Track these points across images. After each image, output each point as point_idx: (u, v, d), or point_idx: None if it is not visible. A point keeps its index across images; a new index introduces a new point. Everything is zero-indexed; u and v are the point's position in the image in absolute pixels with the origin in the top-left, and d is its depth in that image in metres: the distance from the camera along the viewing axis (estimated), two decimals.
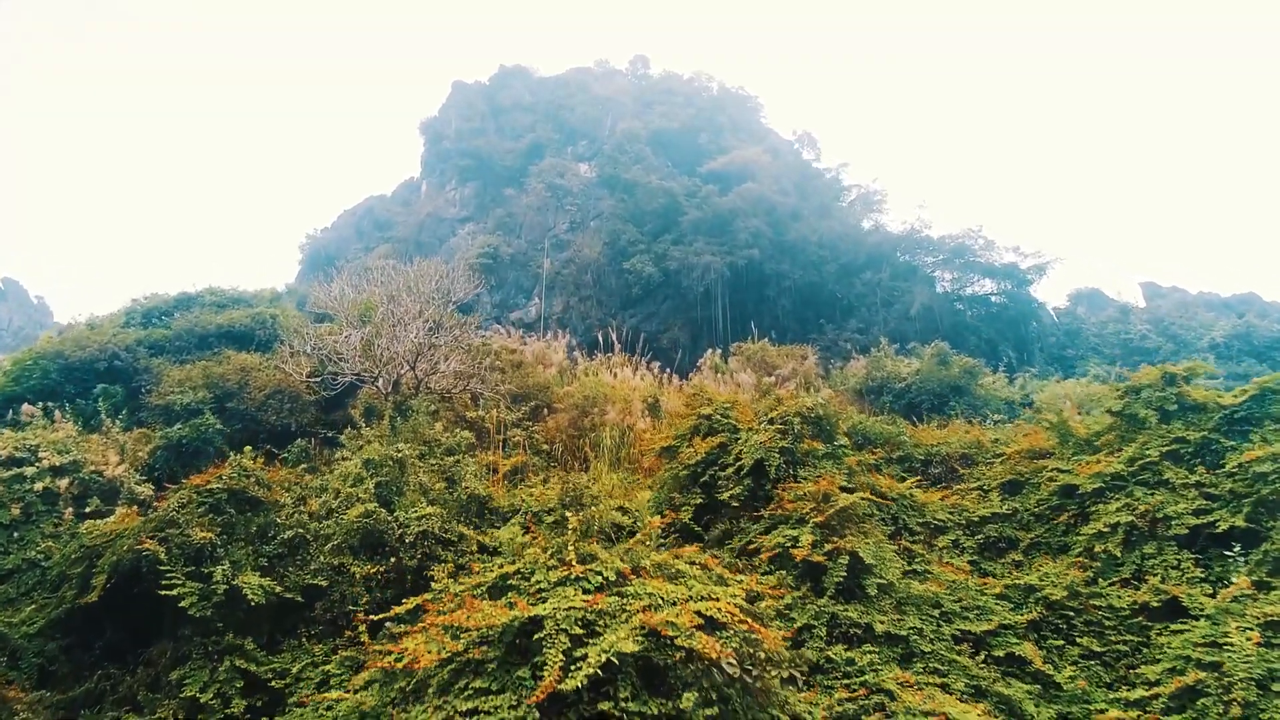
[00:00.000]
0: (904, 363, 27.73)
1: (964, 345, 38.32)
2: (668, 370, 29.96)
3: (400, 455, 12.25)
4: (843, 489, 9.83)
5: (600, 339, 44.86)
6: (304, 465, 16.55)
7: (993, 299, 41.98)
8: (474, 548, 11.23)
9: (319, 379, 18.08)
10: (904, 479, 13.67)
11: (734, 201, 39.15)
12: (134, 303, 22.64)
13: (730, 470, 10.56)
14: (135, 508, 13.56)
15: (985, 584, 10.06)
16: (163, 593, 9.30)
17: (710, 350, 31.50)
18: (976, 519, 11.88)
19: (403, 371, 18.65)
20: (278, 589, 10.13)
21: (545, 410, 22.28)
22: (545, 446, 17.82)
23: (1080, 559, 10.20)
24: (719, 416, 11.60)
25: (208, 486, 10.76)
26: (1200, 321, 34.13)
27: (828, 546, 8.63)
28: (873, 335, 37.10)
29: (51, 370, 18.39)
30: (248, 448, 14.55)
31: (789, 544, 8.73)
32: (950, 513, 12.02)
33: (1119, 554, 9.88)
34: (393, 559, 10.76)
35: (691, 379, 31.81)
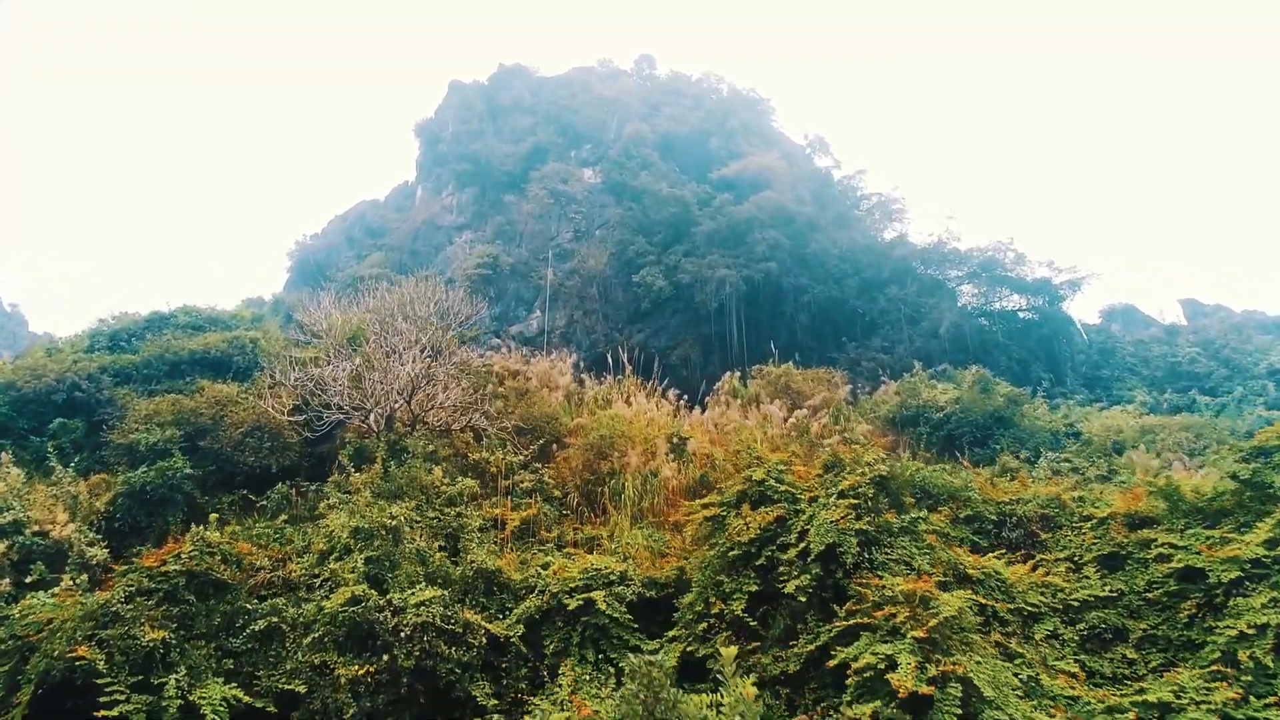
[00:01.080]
0: (940, 389, 26.19)
1: (994, 365, 36.82)
2: (683, 397, 28.44)
3: (394, 523, 10.63)
4: (939, 584, 8.25)
5: (609, 359, 43.48)
6: (284, 516, 14.95)
7: (1021, 315, 40.52)
8: (482, 639, 9.62)
9: (303, 418, 16.46)
10: (977, 544, 12.13)
11: (750, 211, 37.65)
12: (100, 323, 21.03)
13: (793, 553, 8.97)
14: (84, 576, 11.95)
15: (1104, 697, 8.47)
16: (102, 713, 7.69)
17: (729, 374, 29.94)
18: (1075, 603, 10.30)
19: (396, 405, 17.07)
20: (245, 697, 8.51)
21: (554, 445, 20.72)
22: (557, 493, 16.24)
23: (1218, 667, 8.61)
24: (772, 481, 10.01)
25: (162, 569, 9.14)
26: (1256, 345, 32.70)
27: (932, 670, 7.04)
28: (898, 354, 35.61)
29: (1, 404, 16.78)
30: (214, 515, 12.90)
31: (883, 665, 7.13)
32: (1043, 593, 10.45)
33: (1271, 664, 8.30)
34: (385, 656, 9.13)
35: (709, 404, 30.26)
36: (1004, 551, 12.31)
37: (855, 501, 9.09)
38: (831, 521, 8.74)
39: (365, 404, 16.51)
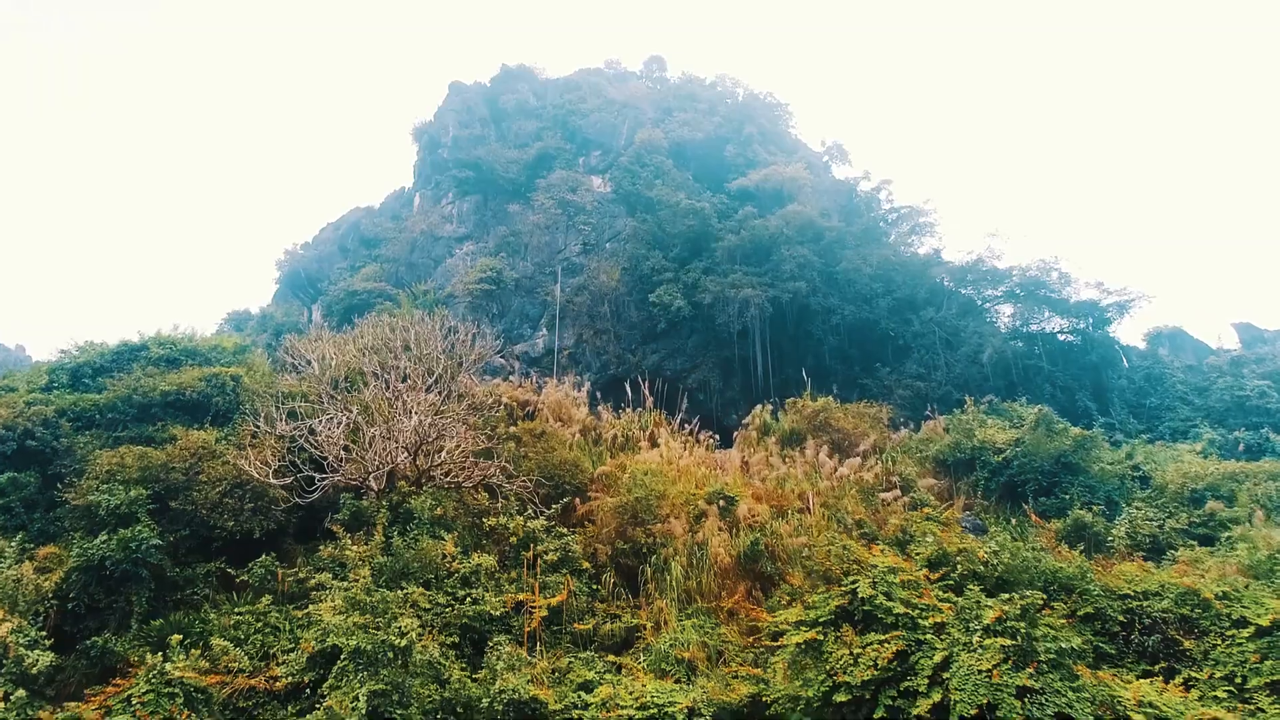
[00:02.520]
0: (995, 427, 24.36)
1: (1037, 394, 35.01)
2: (715, 435, 26.57)
3: (403, 642, 8.74)
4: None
5: (625, 385, 41.67)
6: (268, 598, 13.08)
7: (1060, 337, 38.79)
8: None
9: (290, 480, 14.58)
10: (1104, 651, 10.32)
11: (777, 226, 35.89)
12: (62, 354, 19.11)
13: (925, 706, 7.11)
14: (21, 691, 10.04)
15: None
16: None
17: (760, 407, 28.07)
18: None
19: (400, 460, 15.20)
20: None
21: (577, 499, 18.88)
22: (586, 565, 14.37)
23: None
24: (882, 598, 8.16)
25: None
26: None
27: None
28: (935, 381, 33.83)
29: None
30: (176, 637, 10.92)
31: None
32: None
33: None
34: None
35: (738, 440, 28.40)
36: (1137, 660, 10.52)
37: (1010, 643, 7.24)
38: (983, 673, 6.89)
39: (364, 463, 14.64)
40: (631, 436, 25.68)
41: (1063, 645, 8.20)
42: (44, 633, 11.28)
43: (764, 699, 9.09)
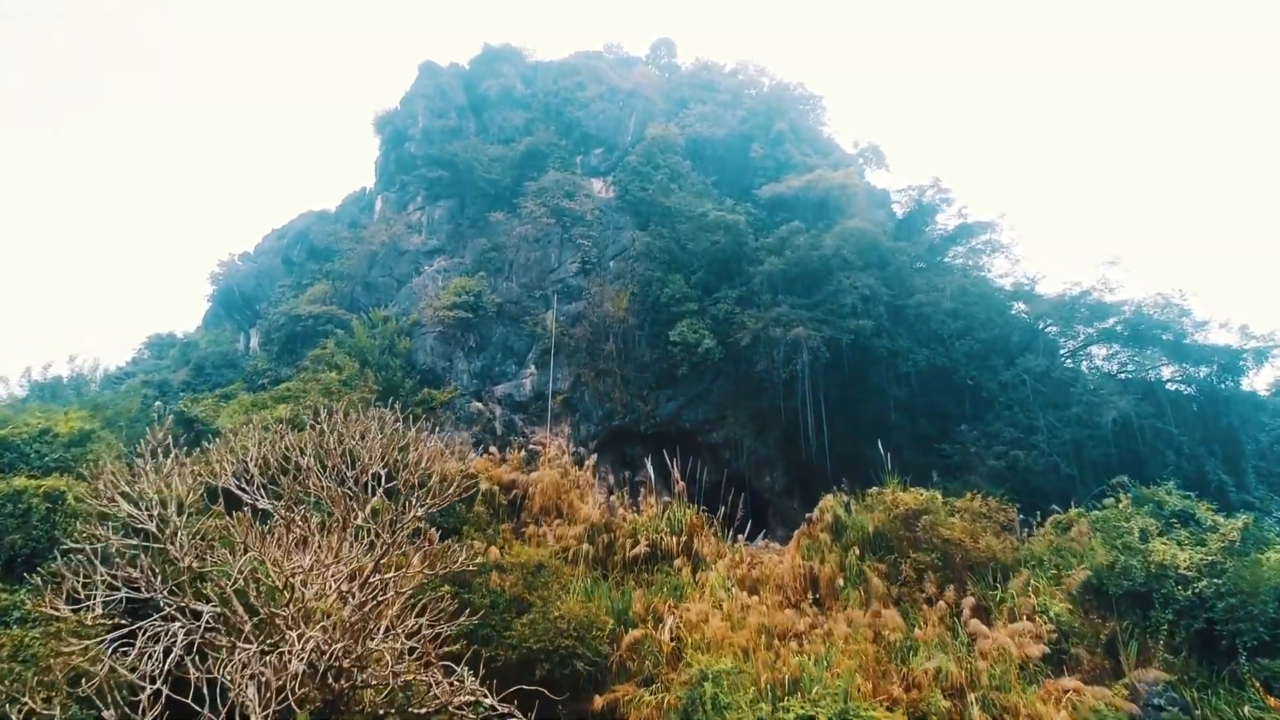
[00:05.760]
0: (1171, 546, 18.38)
1: (1160, 464, 29.24)
2: (770, 540, 20.53)
3: None
4: None
5: (631, 444, 35.40)
6: None
7: (1177, 389, 33.17)
8: None
9: None
10: None
11: (832, 246, 29.85)
12: None
13: None
14: None
15: None
16: None
17: (829, 498, 21.92)
18: None
19: (295, 684, 9.02)
20: None
21: (595, 685, 12.83)
22: None
23: None
24: None
25: None
26: None
27: None
28: (1036, 449, 27.88)
29: None
30: None
31: None
32: None
33: None
34: None
35: (798, 543, 22.35)
36: None
37: None
38: None
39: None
40: (661, 544, 19.60)
41: None
42: None
43: None
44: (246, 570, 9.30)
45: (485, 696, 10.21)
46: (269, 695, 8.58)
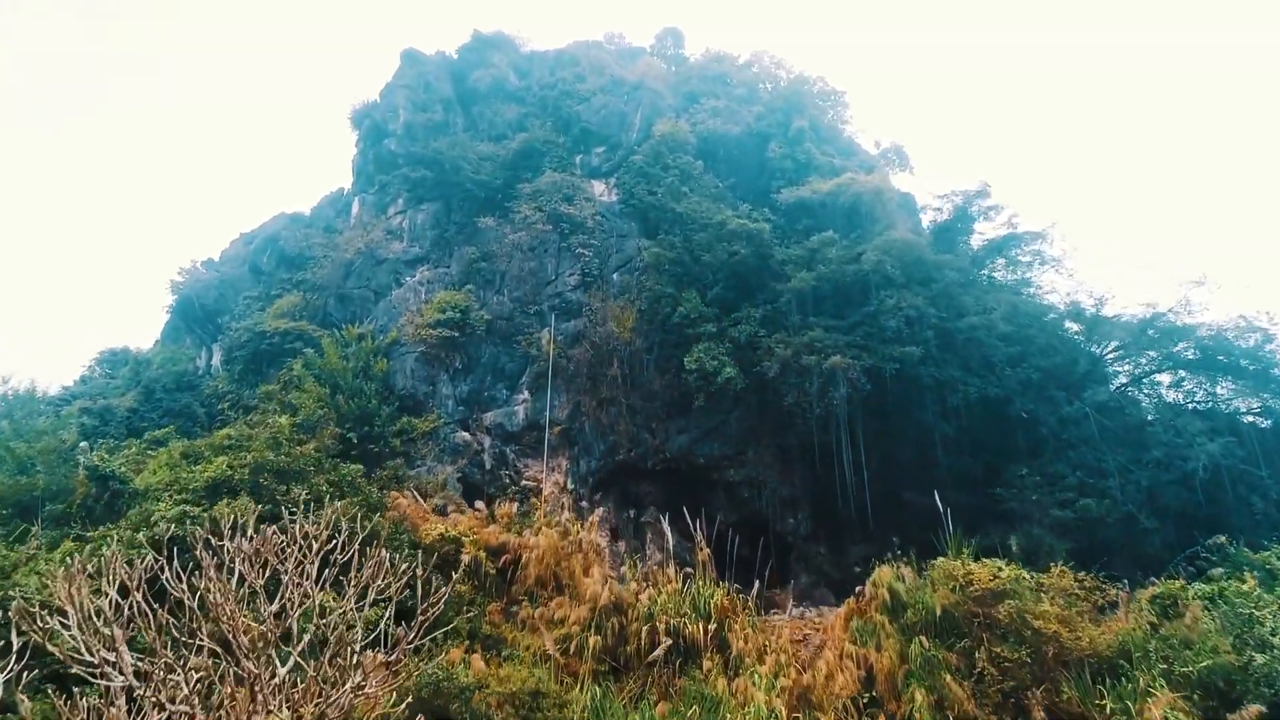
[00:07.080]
0: None
1: (1243, 514, 26.23)
2: (816, 609, 17.22)
3: None
4: None
5: (637, 495, 32.15)
6: None
7: (1246, 420, 30.09)
8: None
9: None
10: None
11: (873, 260, 26.61)
12: None
13: None
14: None
15: None
16: None
17: (892, 569, 18.70)
18: None
19: None
20: None
21: None
22: None
23: None
24: None
25: None
26: None
27: None
28: (1108, 495, 24.69)
29: None
30: None
31: None
32: None
33: None
34: None
35: (841, 615, 19.06)
36: None
37: None
38: None
39: None
40: (685, 633, 16.31)
41: None
42: None
43: None
44: None
45: None
46: None
